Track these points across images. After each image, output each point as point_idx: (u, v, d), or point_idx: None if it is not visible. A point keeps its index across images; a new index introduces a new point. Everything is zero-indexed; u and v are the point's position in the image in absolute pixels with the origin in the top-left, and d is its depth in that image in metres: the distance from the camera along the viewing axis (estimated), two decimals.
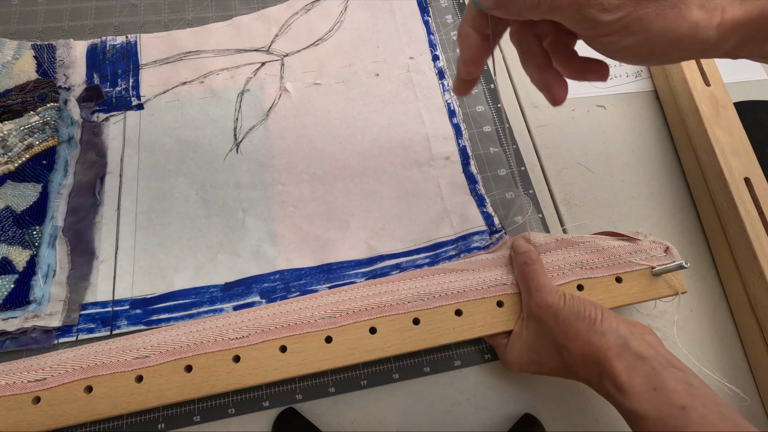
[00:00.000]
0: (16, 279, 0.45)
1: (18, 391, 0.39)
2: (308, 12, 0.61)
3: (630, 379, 0.34)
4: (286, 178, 0.52)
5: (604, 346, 0.36)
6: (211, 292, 0.46)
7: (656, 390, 0.33)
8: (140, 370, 0.40)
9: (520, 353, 0.41)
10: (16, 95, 0.53)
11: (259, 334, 0.41)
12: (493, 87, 0.58)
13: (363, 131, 0.54)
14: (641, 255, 0.45)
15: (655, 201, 0.53)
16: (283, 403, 0.43)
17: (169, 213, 0.50)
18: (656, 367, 0.34)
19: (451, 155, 0.54)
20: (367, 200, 0.51)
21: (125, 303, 0.45)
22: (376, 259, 0.48)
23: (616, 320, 0.37)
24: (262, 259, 0.48)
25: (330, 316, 0.42)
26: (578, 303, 0.38)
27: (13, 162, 0.50)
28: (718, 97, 0.53)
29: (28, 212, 0.48)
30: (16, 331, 0.43)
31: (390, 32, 0.61)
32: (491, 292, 0.43)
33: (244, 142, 0.53)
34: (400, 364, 0.45)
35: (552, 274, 0.44)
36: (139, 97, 0.55)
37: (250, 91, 0.56)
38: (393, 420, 0.43)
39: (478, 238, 0.48)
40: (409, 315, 0.42)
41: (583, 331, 0.37)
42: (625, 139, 0.56)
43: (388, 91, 0.57)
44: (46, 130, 0.51)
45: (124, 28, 0.59)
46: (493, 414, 0.44)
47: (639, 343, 0.36)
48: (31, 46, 0.56)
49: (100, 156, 0.51)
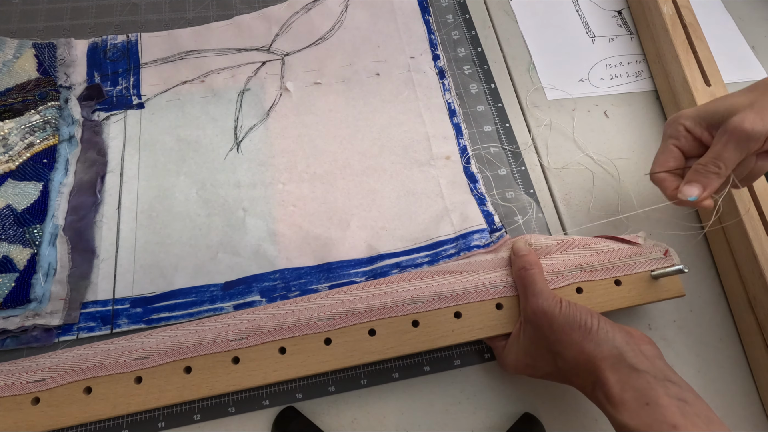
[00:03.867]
0: (17, 277, 0.45)
1: (17, 391, 0.39)
2: (309, 11, 0.61)
3: (622, 392, 0.33)
4: (287, 178, 0.52)
5: (598, 356, 0.35)
6: (211, 291, 0.46)
7: (649, 405, 0.32)
8: (139, 371, 0.40)
9: (517, 356, 0.41)
10: (17, 94, 0.53)
11: (258, 335, 0.41)
12: (493, 87, 0.58)
13: (363, 130, 0.54)
14: (641, 258, 0.45)
15: (655, 201, 0.53)
16: (283, 402, 0.43)
17: (169, 212, 0.50)
18: (650, 381, 0.33)
19: (452, 154, 0.53)
20: (367, 199, 0.51)
21: (126, 302, 0.45)
22: (376, 258, 0.48)
23: (612, 329, 0.37)
24: (262, 258, 0.48)
25: (329, 318, 0.42)
26: (574, 310, 0.38)
27: (14, 161, 0.50)
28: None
29: (29, 211, 0.48)
30: (17, 330, 0.43)
31: (391, 32, 0.61)
32: (490, 295, 0.43)
33: (244, 141, 0.53)
34: (400, 363, 0.45)
35: (552, 276, 0.44)
36: (139, 96, 0.55)
37: (250, 91, 0.56)
38: (393, 419, 0.43)
39: (478, 236, 0.48)
40: (409, 317, 0.42)
41: (577, 339, 0.37)
42: (625, 139, 0.56)
43: (388, 90, 0.57)
44: (46, 129, 0.51)
45: (125, 27, 0.59)
46: (492, 413, 0.44)
47: (635, 355, 0.35)
48: (32, 45, 0.56)
49: (101, 155, 0.51)
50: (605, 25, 0.64)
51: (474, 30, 0.62)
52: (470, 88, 0.58)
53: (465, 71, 0.59)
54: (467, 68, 0.59)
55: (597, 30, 0.64)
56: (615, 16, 0.65)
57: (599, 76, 0.60)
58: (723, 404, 0.45)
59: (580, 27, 0.64)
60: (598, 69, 0.61)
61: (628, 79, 0.60)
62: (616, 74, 0.60)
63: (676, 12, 0.58)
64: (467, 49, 0.60)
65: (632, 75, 0.61)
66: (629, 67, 0.61)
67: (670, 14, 0.58)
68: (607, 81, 0.60)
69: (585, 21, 0.64)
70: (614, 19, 0.65)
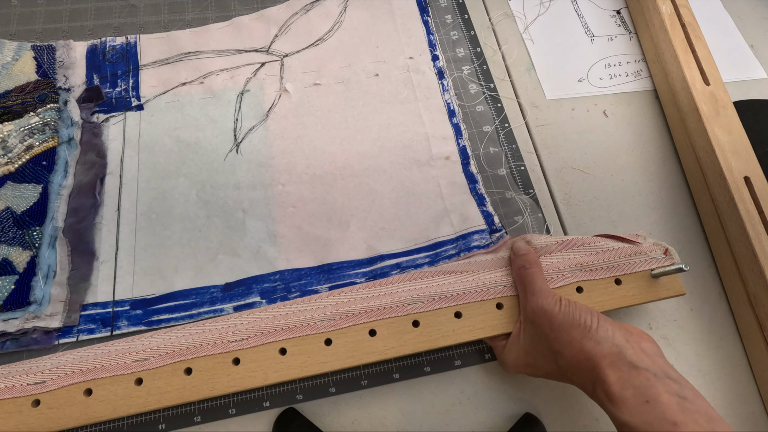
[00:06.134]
0: (17, 280, 0.45)
1: (17, 394, 0.39)
2: (308, 12, 0.61)
3: (622, 389, 0.33)
4: (286, 179, 0.52)
5: (598, 355, 0.35)
6: (211, 293, 0.46)
7: (649, 403, 0.32)
8: (140, 372, 0.40)
9: (517, 356, 0.41)
10: (16, 96, 0.53)
11: (258, 336, 0.41)
12: (492, 87, 0.58)
13: (363, 131, 0.54)
14: (641, 257, 0.45)
15: (655, 200, 0.53)
16: (283, 403, 0.43)
17: (169, 214, 0.50)
18: (650, 379, 0.33)
19: (451, 155, 0.53)
20: (367, 200, 0.51)
21: (126, 303, 0.45)
22: (376, 259, 0.48)
23: (612, 327, 0.37)
24: (262, 259, 0.48)
25: (330, 319, 0.42)
26: (574, 309, 0.38)
27: (13, 163, 0.50)
28: (718, 97, 0.53)
29: (29, 213, 0.48)
30: (17, 332, 0.43)
31: (389, 32, 0.61)
32: (491, 294, 0.43)
33: (244, 142, 0.53)
34: (400, 363, 0.45)
35: (552, 276, 0.44)
36: (138, 98, 0.55)
37: (249, 92, 0.56)
38: (393, 420, 0.43)
39: (478, 237, 0.48)
40: (409, 317, 0.42)
41: (577, 338, 0.36)
42: (625, 138, 0.56)
43: (387, 91, 0.57)
44: (46, 131, 0.51)
45: (124, 29, 0.59)
46: (493, 413, 0.44)
47: (634, 352, 0.35)
48: (30, 47, 0.56)
49: (100, 157, 0.51)
50: (604, 25, 0.64)
51: (473, 30, 0.62)
52: (469, 89, 0.58)
53: (464, 71, 0.59)
54: (466, 68, 0.59)
55: (596, 29, 0.64)
56: (614, 15, 0.65)
57: (598, 75, 0.60)
58: (723, 403, 0.45)
59: (579, 27, 0.64)
60: (597, 69, 0.61)
61: (627, 78, 0.60)
62: (615, 74, 0.60)
63: (675, 11, 0.58)
64: (466, 50, 0.60)
65: (631, 74, 0.61)
66: (628, 66, 0.61)
67: (669, 13, 0.58)
68: (606, 81, 0.60)
69: (584, 21, 0.64)
70: (613, 19, 0.65)
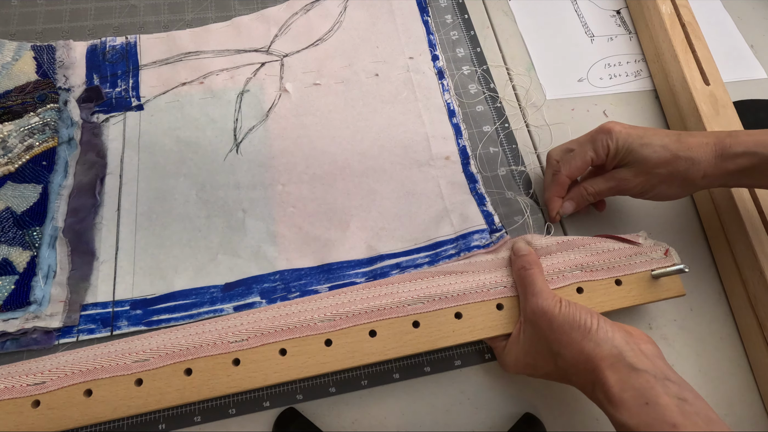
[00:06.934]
0: (17, 280, 0.45)
1: (17, 394, 0.39)
2: (308, 12, 0.61)
3: (622, 391, 0.33)
4: (286, 179, 0.52)
5: (597, 356, 0.35)
6: (211, 293, 0.46)
7: (648, 404, 0.32)
8: (140, 373, 0.40)
9: (517, 356, 0.41)
10: (16, 96, 0.53)
11: (258, 337, 0.41)
12: (492, 87, 0.58)
13: (363, 131, 0.54)
14: (641, 258, 0.45)
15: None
16: (283, 403, 0.43)
17: (169, 214, 0.50)
18: (650, 380, 0.33)
19: (451, 155, 0.53)
20: (367, 200, 0.51)
21: (126, 303, 0.45)
22: (376, 259, 0.48)
23: (612, 329, 0.37)
24: (262, 259, 0.48)
25: (330, 319, 0.42)
26: (574, 310, 0.38)
27: (14, 163, 0.50)
28: (718, 97, 0.53)
29: (29, 213, 0.48)
30: (17, 332, 0.43)
31: (389, 32, 0.61)
32: (491, 295, 0.43)
33: (244, 142, 0.53)
34: (400, 363, 0.45)
35: (552, 276, 0.44)
36: (138, 98, 0.55)
37: (249, 92, 0.56)
38: (393, 420, 0.43)
39: (478, 236, 0.48)
40: (409, 318, 0.42)
41: (577, 339, 0.37)
42: None
43: (387, 91, 0.57)
44: (46, 131, 0.51)
45: (124, 29, 0.59)
46: (493, 413, 0.44)
47: (634, 354, 0.35)
48: (30, 47, 0.56)
49: (100, 157, 0.51)
50: (604, 25, 0.64)
51: (473, 30, 0.62)
52: (469, 89, 0.58)
53: (464, 71, 0.59)
54: (466, 68, 0.59)
55: (596, 29, 0.64)
56: (614, 15, 0.65)
57: (598, 75, 0.60)
58: (723, 404, 0.45)
59: (578, 27, 0.64)
60: (597, 68, 0.61)
61: (627, 78, 0.60)
62: (615, 74, 0.60)
63: (675, 11, 0.58)
64: (466, 50, 0.60)
65: (631, 74, 0.61)
66: (628, 66, 0.61)
67: (669, 13, 0.58)
68: (606, 80, 0.60)
69: (584, 20, 0.64)
70: (613, 19, 0.65)
